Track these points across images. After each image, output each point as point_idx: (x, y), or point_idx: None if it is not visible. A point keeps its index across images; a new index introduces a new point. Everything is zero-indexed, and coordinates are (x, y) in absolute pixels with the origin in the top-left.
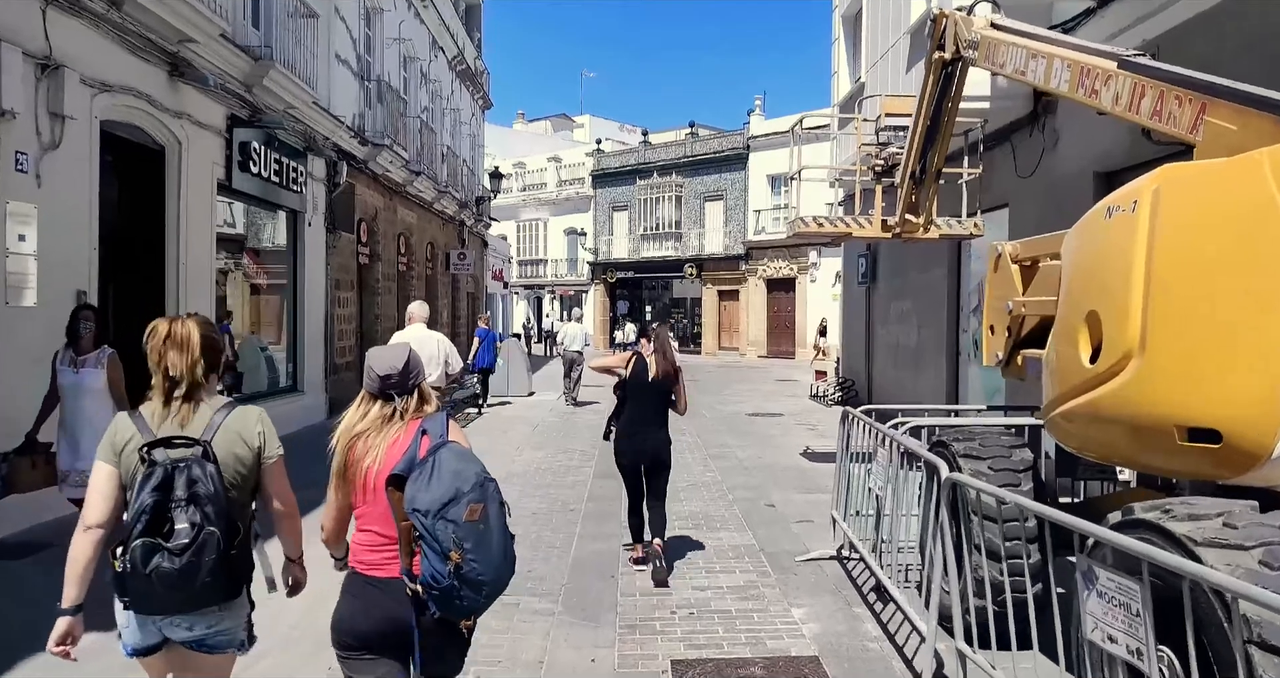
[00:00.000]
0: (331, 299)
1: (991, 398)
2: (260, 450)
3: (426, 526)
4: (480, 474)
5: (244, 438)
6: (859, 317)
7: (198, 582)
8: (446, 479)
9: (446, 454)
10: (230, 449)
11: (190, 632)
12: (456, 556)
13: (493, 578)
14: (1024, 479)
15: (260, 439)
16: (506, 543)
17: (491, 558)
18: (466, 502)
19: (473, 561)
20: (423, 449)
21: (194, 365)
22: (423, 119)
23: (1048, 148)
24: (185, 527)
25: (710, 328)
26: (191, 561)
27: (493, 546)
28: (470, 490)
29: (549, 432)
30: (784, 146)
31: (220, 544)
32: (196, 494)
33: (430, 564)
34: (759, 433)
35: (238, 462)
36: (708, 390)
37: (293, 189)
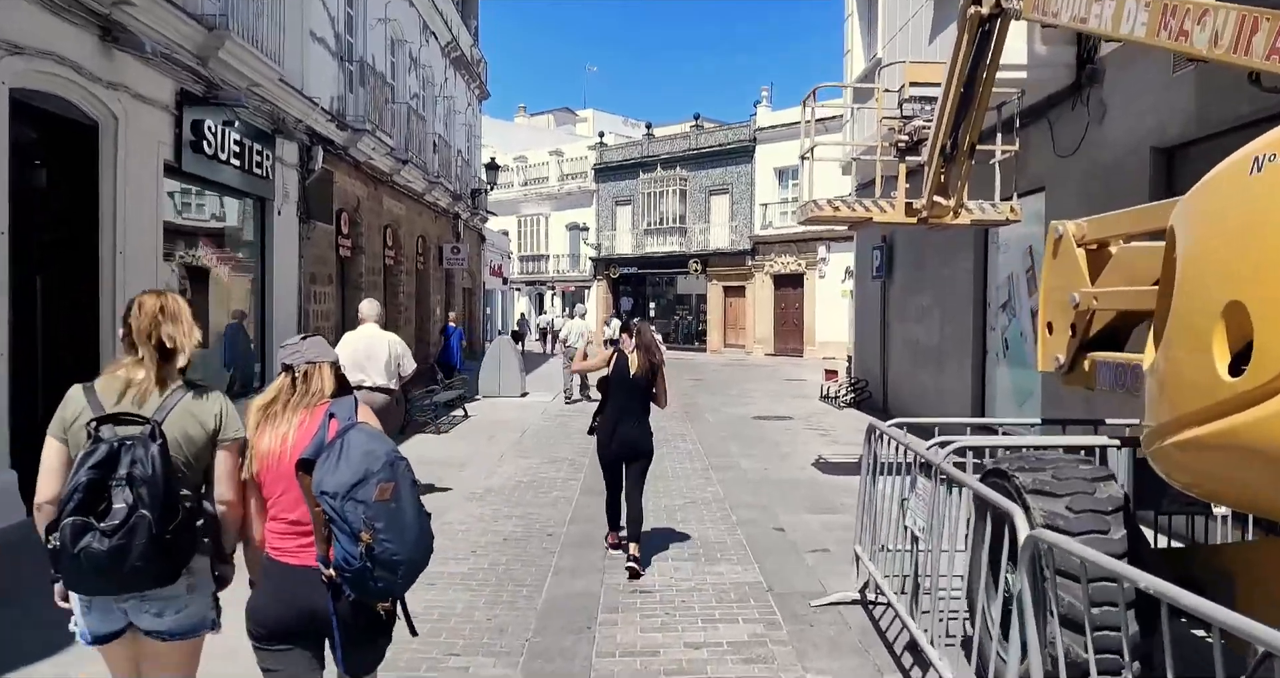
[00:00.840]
0: (305, 293)
1: (1023, 403)
2: (216, 433)
3: (335, 507)
4: (390, 453)
5: (200, 419)
6: (873, 313)
7: (127, 565)
8: (355, 460)
9: (355, 435)
10: (184, 430)
11: (160, 619)
12: (367, 536)
13: (407, 557)
14: (1113, 525)
15: (217, 422)
16: (422, 522)
17: (405, 537)
18: (376, 481)
19: (385, 541)
20: (331, 432)
21: (189, 334)
22: (411, 106)
23: (1093, 122)
24: (121, 507)
25: (716, 325)
26: (121, 543)
27: (406, 525)
28: (380, 470)
29: (538, 437)
30: (792, 139)
31: (153, 528)
32: (133, 476)
33: (342, 547)
34: (766, 440)
35: (190, 443)
36: (712, 391)
37: (258, 174)
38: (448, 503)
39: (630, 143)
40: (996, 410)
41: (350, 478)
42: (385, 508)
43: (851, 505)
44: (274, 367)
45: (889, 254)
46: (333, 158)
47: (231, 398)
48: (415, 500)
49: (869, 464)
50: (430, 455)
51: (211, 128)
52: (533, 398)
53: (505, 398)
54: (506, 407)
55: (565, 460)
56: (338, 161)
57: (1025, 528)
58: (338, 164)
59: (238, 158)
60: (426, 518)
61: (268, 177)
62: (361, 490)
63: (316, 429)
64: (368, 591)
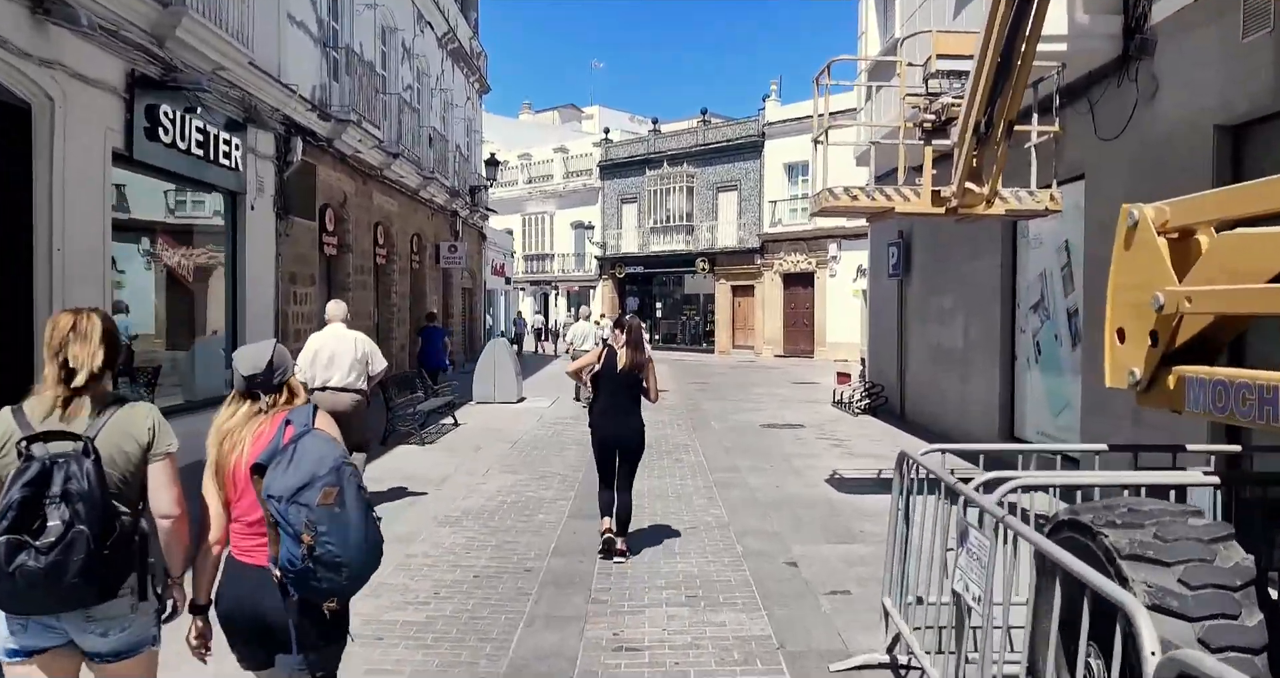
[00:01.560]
0: (284, 294)
1: (1059, 413)
2: (148, 446)
3: (279, 510)
4: (338, 459)
5: (132, 435)
6: (889, 314)
7: (65, 581)
8: (304, 465)
9: (307, 442)
10: (117, 446)
11: (105, 640)
12: (309, 538)
13: (350, 559)
14: (1245, 606)
15: (150, 436)
16: (366, 526)
17: (348, 540)
18: (321, 486)
19: (327, 543)
20: (286, 437)
21: (93, 356)
22: (404, 98)
23: (1142, 99)
24: (56, 524)
25: (723, 325)
26: (58, 559)
27: (349, 528)
28: (326, 475)
29: (530, 449)
30: (802, 134)
31: (90, 544)
32: (69, 491)
33: (286, 547)
34: (776, 451)
35: (125, 459)
36: (718, 395)
37: (225, 165)
38: (417, 528)
39: (636, 139)
40: (1027, 420)
41: (296, 482)
42: (328, 512)
43: (873, 533)
44: None
45: (906, 251)
46: (315, 150)
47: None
48: (361, 505)
49: (901, 503)
50: (409, 470)
51: (169, 113)
52: (530, 404)
53: (501, 404)
54: (500, 414)
55: (556, 476)
56: (321, 154)
57: (1152, 642)
58: (321, 157)
59: (201, 147)
60: (374, 522)
61: (238, 168)
62: (305, 494)
63: (272, 436)
64: (310, 590)
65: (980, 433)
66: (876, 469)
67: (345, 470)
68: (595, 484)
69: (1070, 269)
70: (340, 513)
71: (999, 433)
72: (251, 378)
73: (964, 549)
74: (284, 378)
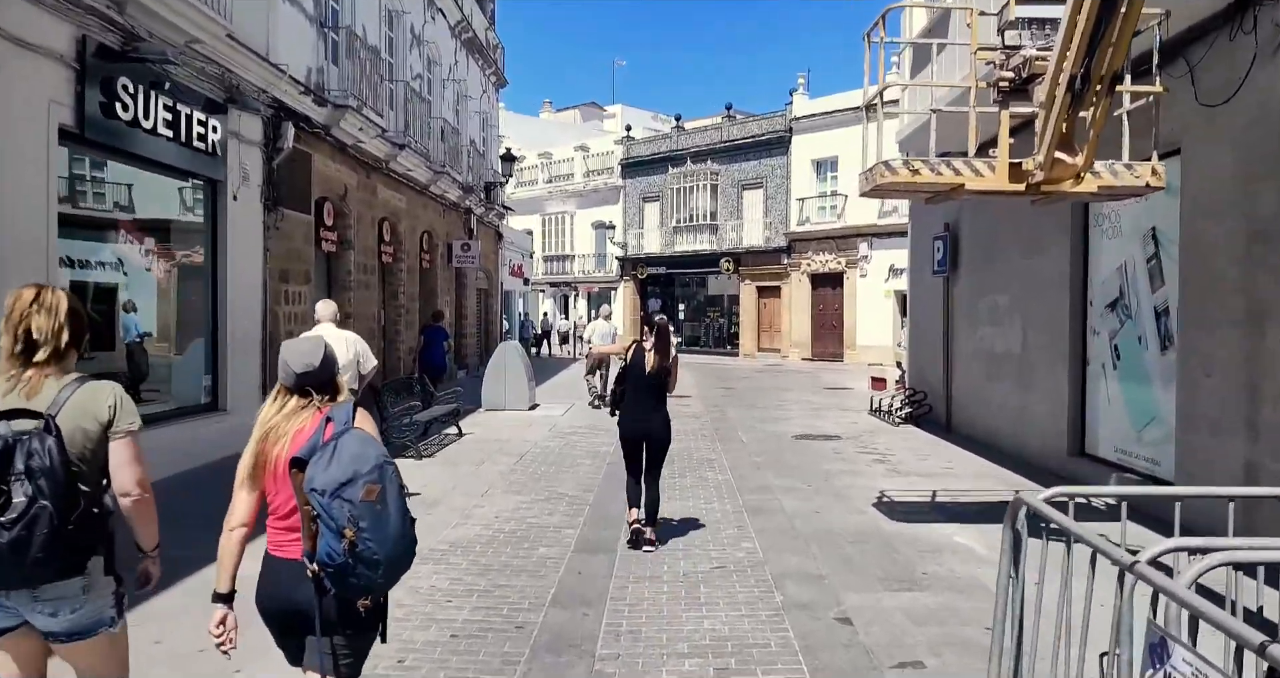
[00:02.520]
0: (273, 294)
1: (1144, 428)
2: (110, 424)
3: (323, 504)
4: (379, 457)
5: (93, 413)
6: (933, 315)
7: (29, 556)
8: (345, 462)
9: (348, 439)
10: (77, 423)
11: (55, 620)
12: (350, 533)
13: (388, 557)
14: None
15: (111, 413)
16: (404, 525)
17: (387, 538)
18: (363, 482)
19: (367, 539)
20: (327, 435)
21: (60, 330)
22: (412, 87)
23: (1262, 57)
24: (21, 501)
25: (749, 328)
26: (22, 535)
27: (389, 526)
28: (368, 472)
29: (538, 464)
30: (831, 128)
31: (54, 519)
32: (31, 468)
33: (326, 542)
34: (812, 467)
35: (85, 437)
36: (745, 403)
37: (201, 149)
38: None
39: (658, 136)
40: (1102, 436)
41: (339, 477)
42: (370, 508)
43: (939, 577)
44: (228, 380)
45: (953, 245)
46: (311, 137)
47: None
48: (401, 504)
49: (1012, 568)
50: None
51: (129, 88)
52: (543, 411)
53: (512, 411)
54: (510, 423)
55: (565, 498)
56: (317, 143)
57: None
58: (317, 145)
59: (171, 128)
60: (411, 523)
61: (216, 153)
62: (349, 490)
63: (314, 431)
64: (348, 586)
65: (1044, 449)
66: (929, 491)
67: (387, 469)
68: (607, 507)
69: (1159, 261)
70: (381, 510)
71: (1067, 449)
72: (305, 375)
73: (1159, 671)
74: (334, 376)
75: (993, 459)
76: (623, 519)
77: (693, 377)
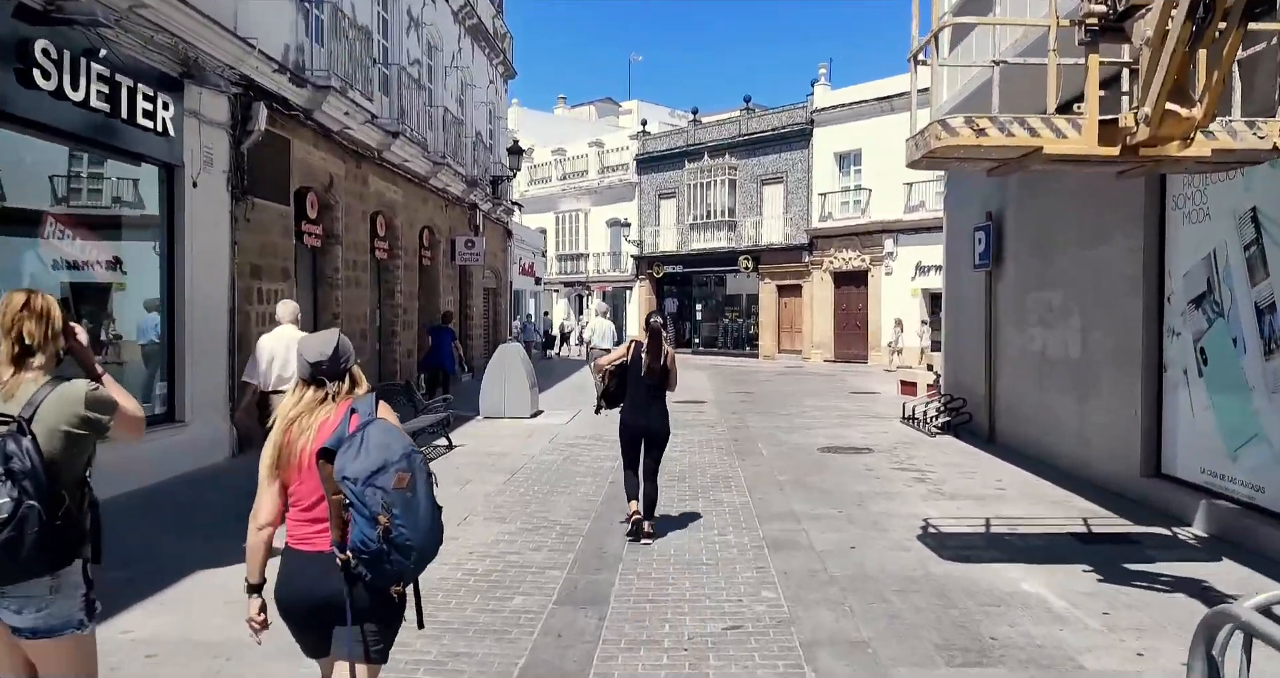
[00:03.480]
0: (243, 292)
1: (1241, 447)
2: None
3: (356, 492)
4: (407, 447)
5: (69, 412)
6: (973, 314)
7: (22, 554)
8: (374, 451)
9: (374, 430)
10: (54, 424)
11: (20, 616)
12: (385, 519)
13: (419, 544)
14: None
15: (88, 412)
16: (433, 512)
17: (419, 524)
18: (394, 470)
19: (400, 526)
20: (352, 426)
21: (55, 337)
22: (410, 73)
23: None
24: (6, 502)
25: (769, 328)
26: (13, 535)
27: (420, 513)
28: (398, 461)
29: (531, 483)
30: (854, 120)
31: (43, 517)
32: (12, 470)
33: (360, 529)
34: (842, 487)
35: (64, 437)
36: (765, 409)
37: (149, 128)
38: None
39: (675, 131)
40: (1181, 455)
41: (371, 465)
42: (402, 496)
43: (1014, 643)
44: (186, 387)
45: (997, 236)
46: (290, 121)
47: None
48: (429, 493)
49: None
50: None
51: (51, 53)
52: (545, 419)
53: (511, 419)
54: (507, 433)
55: (555, 527)
56: (297, 127)
57: None
58: (297, 130)
59: (109, 102)
60: (439, 511)
61: (169, 133)
62: (381, 478)
63: (338, 423)
64: (383, 573)
65: (1110, 468)
66: (981, 519)
67: (416, 458)
68: (603, 540)
69: (1261, 248)
70: (412, 498)
71: (1140, 469)
72: (317, 365)
73: None
74: (348, 365)
75: (1048, 477)
76: (620, 555)
77: (709, 380)
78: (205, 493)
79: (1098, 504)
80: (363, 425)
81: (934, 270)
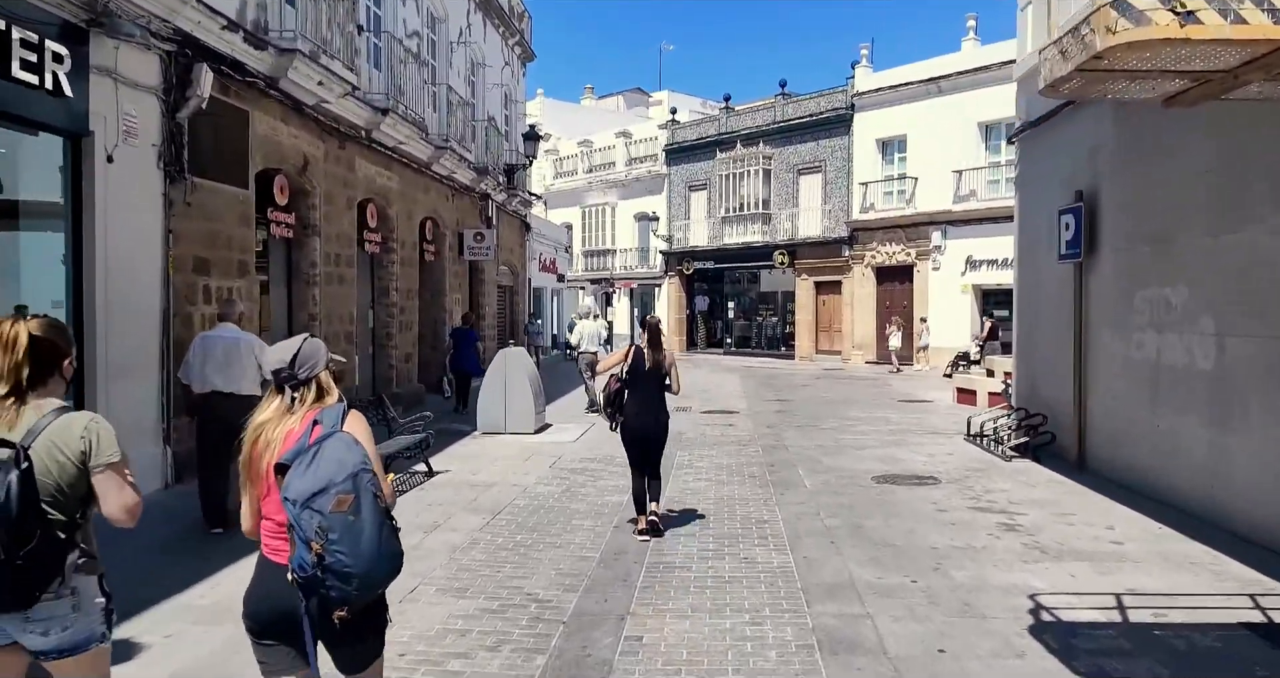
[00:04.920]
0: (182, 290)
1: None
2: (85, 457)
3: (294, 514)
4: (357, 465)
5: (65, 444)
6: (1056, 313)
7: None
8: (320, 470)
9: (332, 443)
10: (51, 455)
11: (45, 639)
12: (318, 546)
13: (361, 570)
14: None
15: (85, 445)
16: (381, 536)
17: (360, 550)
18: (335, 492)
19: (337, 551)
20: (312, 438)
21: (17, 367)
22: (407, 46)
23: None
24: None
25: (805, 327)
26: None
27: (362, 538)
28: (341, 481)
29: (514, 529)
30: (898, 104)
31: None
32: None
33: (299, 552)
34: (911, 540)
35: (60, 469)
36: (804, 420)
37: (31, 84)
38: None
39: (705, 119)
40: None
41: (311, 487)
42: (342, 519)
43: None
44: (99, 407)
45: (1090, 220)
46: (249, 91)
47: None
48: (377, 514)
49: None
50: None
51: None
52: (551, 435)
53: (512, 435)
54: (501, 455)
55: (530, 606)
56: (260, 98)
57: None
58: (260, 101)
59: None
60: (392, 532)
61: (63, 93)
62: (319, 500)
63: (301, 434)
64: (320, 597)
65: (1265, 516)
66: (1110, 595)
67: (363, 478)
68: (591, 632)
69: None
70: (354, 522)
71: None
72: (276, 372)
73: None
74: (311, 373)
75: (1171, 523)
76: (611, 662)
77: (741, 385)
78: (132, 531)
79: (1262, 572)
80: (321, 438)
81: (987, 265)
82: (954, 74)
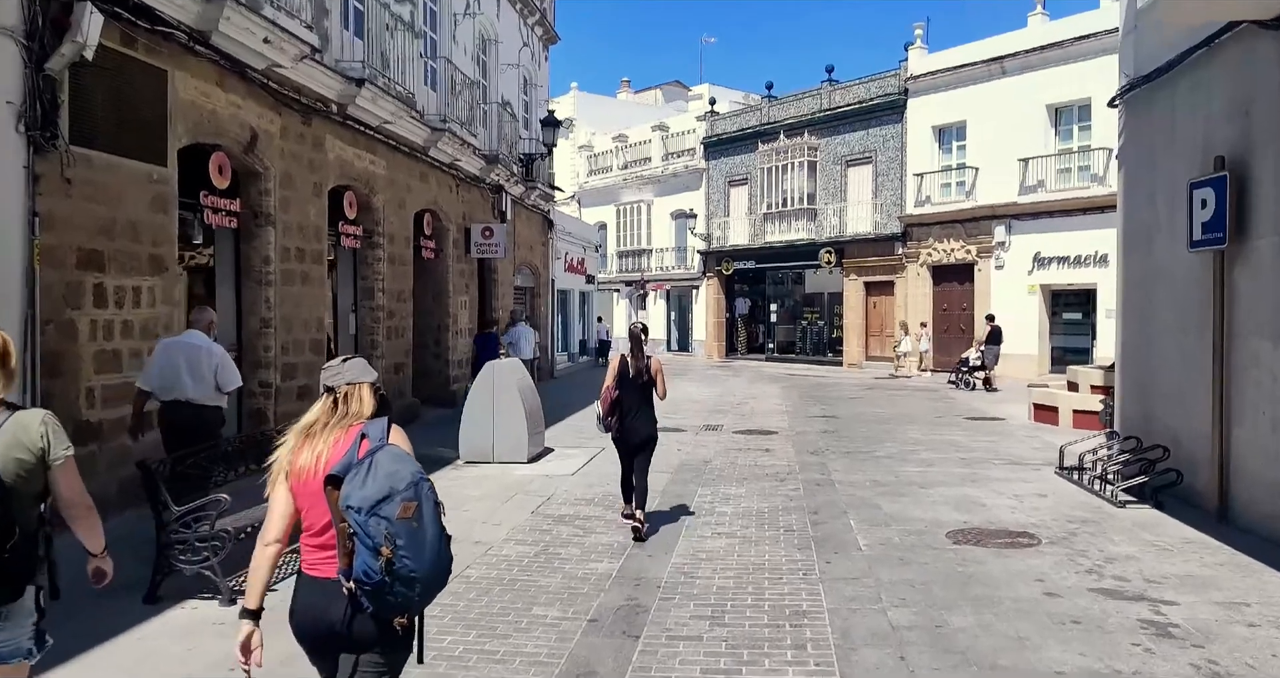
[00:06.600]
0: (60, 291)
1: None
2: (44, 453)
3: (359, 522)
4: (415, 474)
5: (25, 442)
6: (1183, 316)
7: None
8: (381, 479)
9: (383, 456)
10: (9, 454)
11: None
12: (388, 551)
13: (425, 575)
14: None
15: (44, 442)
16: (440, 543)
17: (424, 555)
18: (400, 499)
19: (404, 557)
20: (361, 451)
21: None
22: (395, 11)
23: None
24: None
25: (854, 332)
26: None
27: (426, 543)
28: (404, 489)
29: (451, 622)
30: (957, 87)
31: None
32: None
33: (363, 560)
34: (1021, 657)
35: (19, 466)
36: (855, 445)
37: None
38: None
39: (746, 109)
40: None
41: (375, 494)
42: (406, 526)
43: None
44: None
45: (1237, 194)
46: (168, 45)
47: None
48: (437, 522)
49: None
50: None
51: None
52: (547, 465)
53: (502, 465)
54: (478, 494)
55: None
56: (184, 56)
57: None
58: (184, 60)
59: None
60: (447, 540)
61: None
62: (385, 507)
63: (348, 448)
64: (385, 604)
65: None
66: None
67: (423, 486)
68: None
69: None
70: (418, 529)
71: None
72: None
73: None
74: (336, 381)
75: None
76: None
77: (783, 396)
78: None
79: None
80: (372, 451)
81: (1057, 263)
82: (1020, 52)
